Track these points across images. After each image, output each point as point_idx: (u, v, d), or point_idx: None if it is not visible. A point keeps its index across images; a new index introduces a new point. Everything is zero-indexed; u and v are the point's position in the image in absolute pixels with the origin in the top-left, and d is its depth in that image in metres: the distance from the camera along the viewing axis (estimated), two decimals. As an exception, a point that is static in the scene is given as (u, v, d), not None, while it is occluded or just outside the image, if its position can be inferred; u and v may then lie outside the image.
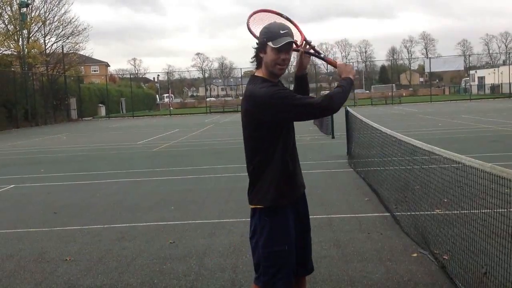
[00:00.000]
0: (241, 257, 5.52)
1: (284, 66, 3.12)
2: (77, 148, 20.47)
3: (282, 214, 3.19)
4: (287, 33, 3.08)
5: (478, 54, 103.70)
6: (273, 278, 3.22)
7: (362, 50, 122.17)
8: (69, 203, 9.00)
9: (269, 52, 3.10)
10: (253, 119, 3.14)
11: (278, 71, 3.14)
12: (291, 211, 3.24)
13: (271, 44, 3.07)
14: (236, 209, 7.76)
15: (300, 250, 3.32)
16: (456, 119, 26.16)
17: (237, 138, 20.61)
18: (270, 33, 3.08)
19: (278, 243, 3.18)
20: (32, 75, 46.60)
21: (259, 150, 3.18)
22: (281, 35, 3.05)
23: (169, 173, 12.13)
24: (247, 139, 3.25)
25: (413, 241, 5.74)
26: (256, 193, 3.21)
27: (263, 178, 3.19)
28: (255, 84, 3.14)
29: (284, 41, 3.05)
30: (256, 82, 3.15)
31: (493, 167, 3.57)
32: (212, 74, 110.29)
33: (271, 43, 3.07)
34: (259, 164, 3.19)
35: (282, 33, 3.06)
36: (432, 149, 4.93)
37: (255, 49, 3.19)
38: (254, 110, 3.11)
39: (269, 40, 3.08)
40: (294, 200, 3.26)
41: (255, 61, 3.21)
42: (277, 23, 3.16)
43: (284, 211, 3.20)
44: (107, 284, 4.92)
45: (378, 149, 8.40)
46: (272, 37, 3.07)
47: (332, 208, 7.44)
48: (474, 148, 13.52)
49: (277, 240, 3.18)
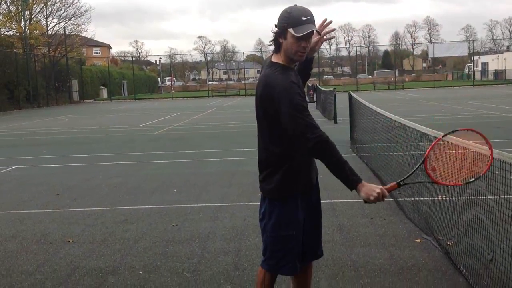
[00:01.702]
0: (244, 241, 5.51)
1: (304, 52, 3.00)
2: (79, 130, 20.45)
3: (292, 200, 3.15)
4: (310, 20, 2.91)
5: (482, 40, 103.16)
6: (279, 262, 3.21)
7: (365, 35, 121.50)
8: (71, 185, 8.99)
9: (290, 39, 2.93)
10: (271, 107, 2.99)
11: (298, 58, 3.02)
12: (302, 197, 3.19)
13: (292, 32, 2.89)
14: (239, 193, 7.74)
15: (310, 236, 3.29)
16: (459, 105, 26.07)
17: (240, 122, 20.61)
18: (292, 19, 2.90)
19: (286, 228, 3.15)
20: (34, 57, 46.47)
21: (278, 139, 3.05)
22: (303, 22, 2.89)
23: (171, 156, 12.11)
24: (265, 126, 3.09)
25: (416, 226, 5.72)
26: (269, 183, 3.12)
27: (277, 169, 3.09)
28: (274, 72, 3.00)
29: (307, 29, 2.89)
30: (276, 70, 3.01)
31: (500, 154, 3.53)
32: (214, 58, 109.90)
33: (292, 30, 2.89)
34: (276, 153, 3.08)
35: (304, 20, 2.89)
36: (438, 135, 4.88)
37: (274, 33, 3.02)
38: (270, 99, 2.98)
39: (290, 26, 2.90)
40: (307, 190, 3.22)
41: (273, 44, 3.05)
42: (299, 7, 2.95)
43: (294, 198, 3.16)
44: (110, 266, 4.91)
45: (382, 134, 8.35)
46: (294, 24, 2.89)
47: (335, 193, 7.41)
48: (477, 134, 13.42)
49: (285, 225, 3.15)
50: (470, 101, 28.89)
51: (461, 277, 4.29)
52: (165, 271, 4.74)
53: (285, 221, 3.14)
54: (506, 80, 62.82)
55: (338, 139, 13.58)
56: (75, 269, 4.87)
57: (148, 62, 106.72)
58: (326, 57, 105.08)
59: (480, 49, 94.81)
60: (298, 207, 3.16)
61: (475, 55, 78.57)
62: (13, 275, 4.79)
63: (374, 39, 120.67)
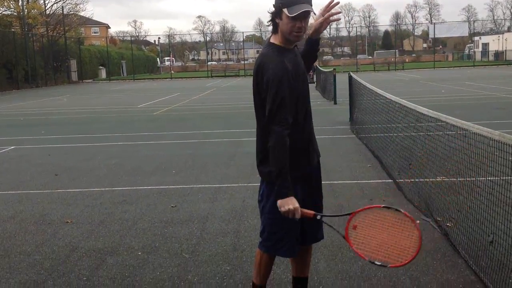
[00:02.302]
0: (242, 222, 5.50)
1: (300, 33, 2.95)
2: (78, 110, 20.38)
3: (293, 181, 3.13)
4: (304, 0, 2.89)
5: (483, 20, 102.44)
6: (276, 245, 3.20)
7: (365, 15, 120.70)
8: (70, 166, 8.96)
9: (285, 19, 2.91)
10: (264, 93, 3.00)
11: (294, 39, 2.98)
12: (301, 180, 3.16)
13: (286, 12, 2.88)
14: (237, 174, 7.73)
15: (311, 219, 3.26)
16: (460, 85, 25.97)
17: (239, 103, 20.54)
18: (288, 1, 2.88)
19: None
20: (32, 36, 46.13)
21: (261, 113, 3.09)
22: (297, 2, 2.86)
23: (170, 137, 12.08)
24: (259, 106, 3.08)
25: (416, 208, 5.70)
26: (266, 166, 3.09)
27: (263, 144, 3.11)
28: (269, 53, 3.00)
29: (300, 9, 2.86)
30: (272, 50, 3.00)
31: (502, 135, 3.50)
32: (213, 38, 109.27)
33: (286, 10, 2.88)
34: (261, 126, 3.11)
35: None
36: (439, 116, 4.86)
37: (270, 13, 3.00)
38: (263, 83, 2.98)
39: (284, 6, 2.89)
40: (306, 172, 3.18)
41: (271, 25, 3.03)
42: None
43: (292, 181, 3.13)
44: (109, 247, 4.91)
45: (382, 115, 8.31)
46: (288, 3, 2.88)
47: (335, 174, 7.40)
48: (477, 115, 13.42)
49: None
50: (470, 82, 28.78)
51: (460, 259, 4.29)
52: (163, 252, 4.73)
53: None
54: (506, 60, 62.55)
55: (337, 120, 13.57)
56: (73, 250, 4.86)
57: (147, 42, 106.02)
58: (326, 37, 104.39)
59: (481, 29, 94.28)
60: (296, 188, 3.12)
61: (475, 35, 78.10)
62: (11, 255, 4.78)
63: (374, 19, 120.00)
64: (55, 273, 4.34)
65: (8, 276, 4.32)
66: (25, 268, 4.48)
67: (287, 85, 2.93)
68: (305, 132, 3.14)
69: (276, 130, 2.91)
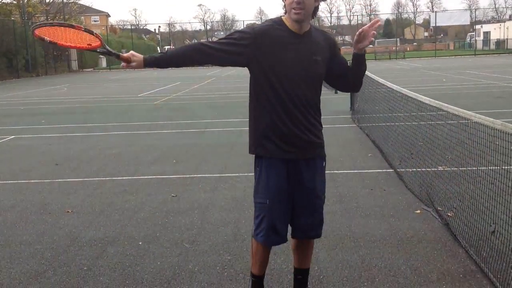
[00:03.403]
0: (243, 212, 5.49)
1: (298, 10, 2.96)
2: (78, 99, 20.35)
3: (269, 167, 3.15)
4: None
5: (484, 9, 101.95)
6: (256, 230, 3.25)
7: (366, 3, 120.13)
8: (70, 155, 8.96)
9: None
10: None
11: (293, 16, 3.00)
12: (286, 168, 3.15)
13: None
14: (238, 164, 7.72)
15: (300, 215, 3.25)
16: (461, 74, 25.90)
17: (239, 92, 20.49)
18: None
19: (260, 196, 3.19)
20: (32, 25, 45.91)
21: (250, 94, 3.20)
22: None
23: (170, 127, 12.06)
24: None
25: (416, 197, 5.70)
26: (248, 139, 3.25)
27: (250, 122, 3.23)
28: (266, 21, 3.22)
29: None
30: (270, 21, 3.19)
31: (504, 125, 3.48)
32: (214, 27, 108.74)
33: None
34: (249, 108, 3.22)
35: None
36: (440, 106, 4.84)
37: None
38: None
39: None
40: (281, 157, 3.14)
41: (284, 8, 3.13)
42: None
43: (271, 165, 3.14)
44: (110, 237, 4.91)
45: (383, 104, 8.29)
46: None
47: (335, 164, 7.39)
48: (479, 104, 13.38)
49: (260, 193, 3.19)
50: (471, 70, 28.69)
51: (461, 248, 4.28)
52: (164, 242, 4.73)
53: (260, 188, 3.19)
54: (508, 49, 62.30)
55: (338, 109, 13.53)
56: (74, 240, 4.87)
57: (147, 30, 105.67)
58: (327, 25, 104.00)
59: (482, 18, 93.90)
60: (274, 174, 3.13)
61: (477, 24, 77.77)
62: (12, 245, 4.79)
63: (375, 8, 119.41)
64: (56, 262, 4.35)
65: (9, 266, 4.32)
66: (26, 258, 4.48)
67: (240, 33, 3.12)
68: (291, 116, 3.10)
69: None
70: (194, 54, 3.10)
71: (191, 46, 3.18)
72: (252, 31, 3.07)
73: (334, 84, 3.37)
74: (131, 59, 3.11)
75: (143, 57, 3.11)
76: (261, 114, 3.13)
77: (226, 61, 3.13)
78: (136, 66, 3.11)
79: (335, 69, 3.22)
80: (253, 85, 3.17)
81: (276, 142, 3.11)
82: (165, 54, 3.13)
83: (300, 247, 3.44)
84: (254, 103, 3.17)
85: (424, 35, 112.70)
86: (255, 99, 3.16)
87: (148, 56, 3.13)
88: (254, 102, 3.17)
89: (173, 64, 3.11)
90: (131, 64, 3.11)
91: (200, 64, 3.17)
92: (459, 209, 4.58)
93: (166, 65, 3.11)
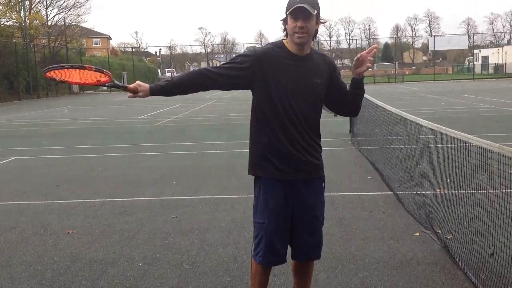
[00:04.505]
0: (243, 233, 5.51)
1: (301, 34, 3.05)
2: (79, 121, 20.43)
3: (268, 188, 3.19)
4: (304, 1, 3.03)
5: (483, 33, 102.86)
6: (254, 250, 3.29)
7: (365, 27, 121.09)
8: (70, 176, 8.98)
9: (288, 20, 3.11)
10: None
11: (296, 39, 3.09)
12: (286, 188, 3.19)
13: (287, 13, 3.10)
14: (238, 185, 7.74)
15: (300, 236, 3.28)
16: (459, 98, 26.04)
17: (239, 114, 20.57)
18: (289, 3, 3.09)
19: (259, 216, 3.23)
20: (33, 47, 46.31)
21: (251, 115, 3.26)
22: (296, 3, 3.03)
23: (171, 148, 12.10)
24: None
25: (415, 220, 5.72)
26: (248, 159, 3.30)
27: (250, 143, 3.28)
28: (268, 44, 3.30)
29: (294, 5, 3.03)
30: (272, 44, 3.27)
31: (501, 148, 3.53)
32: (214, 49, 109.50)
33: (286, 11, 3.11)
34: (249, 130, 3.28)
35: (298, 0, 3.04)
36: (439, 129, 4.89)
37: (282, 21, 3.20)
38: None
39: (287, 10, 3.10)
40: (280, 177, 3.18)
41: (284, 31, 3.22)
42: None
43: (270, 185, 3.19)
44: (109, 258, 4.91)
45: (383, 127, 8.35)
46: (289, 7, 3.08)
47: (335, 186, 7.41)
48: (477, 128, 13.45)
49: (259, 213, 3.23)
50: (470, 94, 28.85)
51: (459, 271, 4.30)
52: (164, 263, 4.74)
53: (259, 208, 3.23)
54: (506, 73, 62.66)
55: (338, 132, 13.59)
56: (74, 260, 4.87)
57: (148, 53, 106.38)
58: (327, 49, 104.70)
59: (480, 42, 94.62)
60: (273, 194, 3.17)
61: (475, 48, 78.35)
62: (12, 265, 4.79)
63: (374, 32, 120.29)
64: (56, 283, 4.35)
65: (10, 286, 4.33)
66: (26, 278, 4.48)
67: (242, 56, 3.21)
68: (290, 138, 3.15)
69: None
70: (199, 80, 3.17)
71: (195, 72, 3.24)
72: (253, 54, 3.16)
73: (332, 107, 3.42)
74: (138, 89, 3.18)
75: (149, 86, 3.17)
76: (260, 135, 3.18)
77: (230, 86, 3.22)
78: (143, 96, 3.17)
79: (334, 92, 3.28)
80: (254, 106, 3.23)
81: (275, 163, 3.15)
82: (171, 81, 3.19)
83: (300, 269, 3.46)
84: (254, 124, 3.24)
85: (423, 59, 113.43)
86: (255, 120, 3.23)
87: (154, 85, 3.20)
88: (254, 123, 3.24)
89: (179, 91, 3.17)
90: (138, 94, 3.17)
91: (205, 90, 3.20)
92: (458, 231, 4.60)
93: (172, 93, 3.17)
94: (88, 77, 3.27)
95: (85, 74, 3.27)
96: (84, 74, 3.27)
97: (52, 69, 3.24)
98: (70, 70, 3.27)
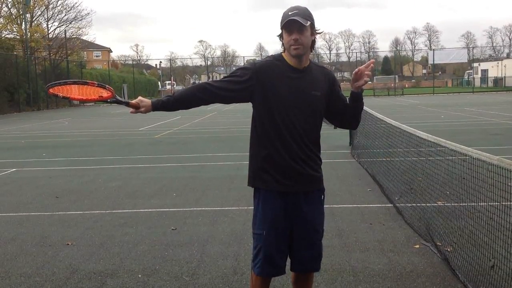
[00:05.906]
0: (243, 245, 5.50)
1: (296, 46, 3.08)
2: (79, 133, 20.45)
3: (267, 199, 3.20)
4: (296, 13, 3.06)
5: (482, 47, 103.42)
6: (253, 261, 3.29)
7: (365, 41, 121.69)
8: (70, 188, 8.98)
9: (283, 35, 3.14)
10: None
11: (292, 52, 3.12)
12: (285, 199, 3.19)
13: (281, 27, 3.14)
14: (237, 197, 7.74)
15: (298, 248, 3.27)
16: (459, 111, 26.10)
17: (239, 126, 20.61)
18: (283, 17, 3.11)
19: (257, 227, 3.24)
20: (34, 60, 46.47)
21: (251, 127, 3.29)
22: (289, 16, 3.07)
23: (171, 160, 12.11)
24: None
25: (415, 232, 5.72)
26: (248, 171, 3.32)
27: (249, 155, 3.30)
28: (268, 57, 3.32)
29: (287, 18, 3.06)
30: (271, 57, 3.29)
31: (501, 160, 3.54)
32: (214, 62, 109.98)
33: (281, 25, 3.14)
34: (250, 138, 3.30)
35: (290, 14, 3.07)
36: (439, 141, 4.91)
37: (278, 36, 3.22)
38: None
39: (281, 23, 3.13)
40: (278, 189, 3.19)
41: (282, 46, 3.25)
42: (291, 6, 3.16)
43: (269, 197, 3.20)
44: (109, 269, 4.91)
45: (382, 139, 8.37)
46: (283, 20, 3.11)
47: (335, 198, 7.42)
48: (476, 140, 13.47)
49: (258, 224, 3.24)
50: (469, 107, 28.92)
51: (460, 283, 4.29)
52: (164, 275, 4.73)
53: (258, 219, 3.24)
54: (505, 87, 62.90)
55: (338, 144, 13.60)
56: (74, 272, 4.87)
57: (148, 66, 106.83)
58: (326, 62, 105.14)
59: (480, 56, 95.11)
60: (271, 205, 3.18)
61: (475, 62, 78.69)
62: (12, 277, 4.78)
63: (374, 45, 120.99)
64: (55, 295, 4.34)
65: (8, 297, 4.31)
66: (25, 290, 4.47)
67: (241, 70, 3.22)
68: (289, 150, 3.16)
69: None
70: (200, 94, 3.19)
71: (196, 86, 3.25)
72: (253, 66, 3.19)
73: (332, 120, 3.43)
74: (140, 105, 3.19)
75: (151, 102, 3.19)
76: (260, 146, 3.20)
77: (231, 99, 3.24)
78: (145, 111, 3.19)
79: (333, 105, 3.29)
80: (254, 119, 3.26)
81: (274, 175, 3.17)
82: (172, 96, 3.21)
83: (299, 281, 3.45)
84: (254, 136, 3.26)
85: (422, 72, 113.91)
86: (255, 132, 3.25)
87: (156, 100, 3.22)
88: (254, 135, 3.26)
89: (181, 105, 3.19)
90: (140, 110, 3.19)
91: (207, 103, 3.21)
92: (458, 244, 4.60)
93: (173, 108, 3.18)
94: (91, 92, 3.29)
95: (87, 90, 3.30)
96: (86, 89, 3.30)
97: (55, 85, 3.27)
98: (72, 86, 3.30)
